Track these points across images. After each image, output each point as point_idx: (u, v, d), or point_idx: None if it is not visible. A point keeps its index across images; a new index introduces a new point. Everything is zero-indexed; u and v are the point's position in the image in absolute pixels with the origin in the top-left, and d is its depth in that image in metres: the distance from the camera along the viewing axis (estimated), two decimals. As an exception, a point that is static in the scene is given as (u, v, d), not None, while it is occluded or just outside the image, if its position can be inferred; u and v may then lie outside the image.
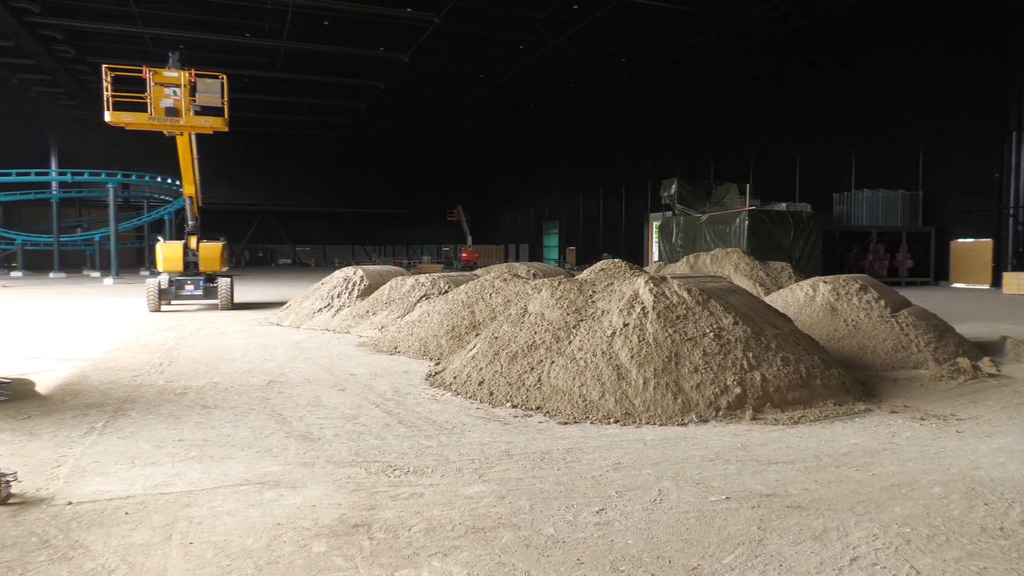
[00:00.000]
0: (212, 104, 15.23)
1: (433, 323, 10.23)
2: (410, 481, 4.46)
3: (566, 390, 6.36)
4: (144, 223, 42.78)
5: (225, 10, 29.50)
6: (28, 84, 40.34)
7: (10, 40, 31.76)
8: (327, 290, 14.58)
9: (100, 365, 8.97)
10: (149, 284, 16.18)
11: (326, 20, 30.80)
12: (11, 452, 5.07)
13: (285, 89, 43.13)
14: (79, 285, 28.23)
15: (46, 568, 3.25)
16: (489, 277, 11.43)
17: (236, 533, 3.64)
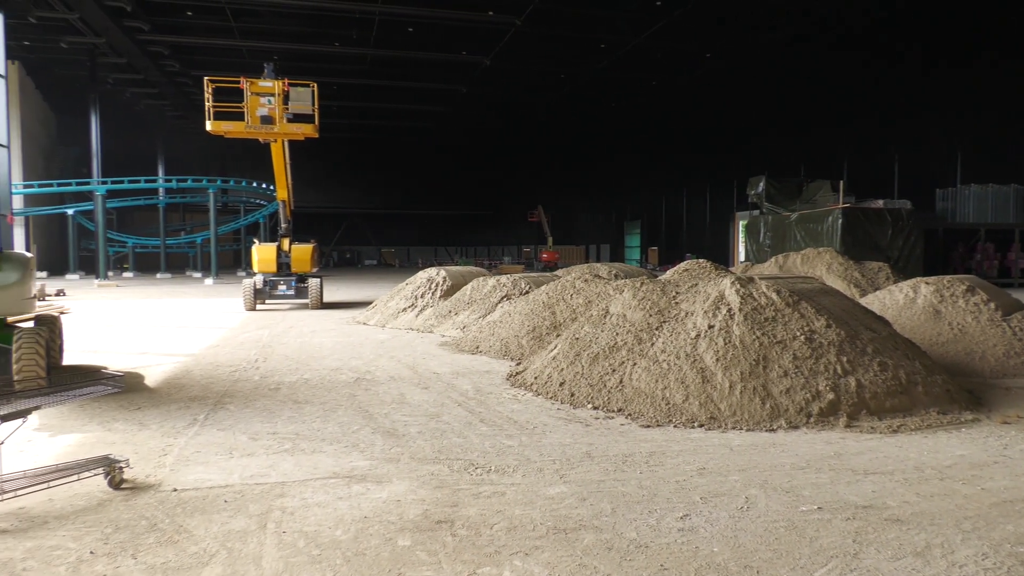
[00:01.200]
0: (304, 111, 15.88)
1: (514, 323, 10.29)
2: (492, 480, 4.50)
3: (648, 392, 6.26)
4: (241, 226, 45.10)
5: (316, 21, 30.67)
6: (139, 97, 43.20)
7: (123, 57, 34.12)
8: (411, 290, 14.91)
9: (201, 360, 9.50)
10: (245, 284, 17.02)
11: (410, 27, 31.52)
12: (123, 440, 5.44)
13: (371, 95, 44.40)
14: (182, 285, 30.02)
15: (155, 550, 3.46)
16: (570, 278, 11.40)
17: (326, 524, 3.78)
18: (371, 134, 57.96)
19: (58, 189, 37.09)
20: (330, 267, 54.87)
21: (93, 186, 35.63)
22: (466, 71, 38.35)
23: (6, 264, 7.62)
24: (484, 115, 50.45)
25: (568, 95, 43.28)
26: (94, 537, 3.61)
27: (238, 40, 32.63)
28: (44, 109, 42.04)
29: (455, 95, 43.58)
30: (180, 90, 41.83)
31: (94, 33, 30.42)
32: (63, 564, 3.31)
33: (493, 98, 44.75)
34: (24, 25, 29.10)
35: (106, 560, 3.35)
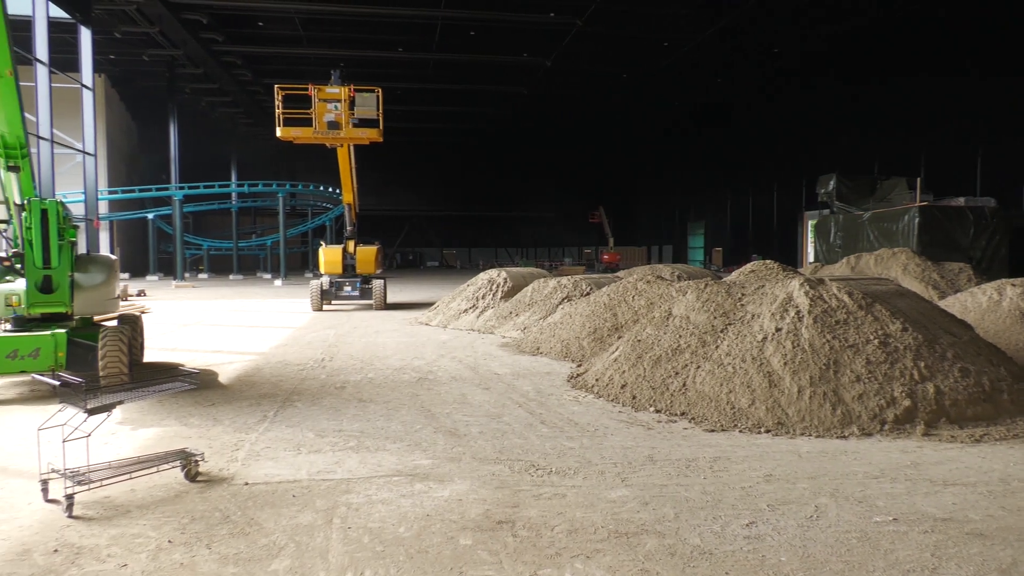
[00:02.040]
0: (369, 116, 16.22)
1: (575, 325, 10.24)
2: (552, 481, 4.49)
3: (713, 396, 6.14)
4: (308, 229, 46.42)
5: (380, 28, 31.29)
6: (214, 106, 45.01)
7: (200, 67, 35.62)
8: (472, 291, 15.04)
9: (271, 359, 9.82)
10: (312, 285, 17.50)
11: (472, 31, 31.81)
12: (199, 435, 5.67)
13: (434, 99, 45.00)
14: (253, 286, 31.10)
15: (227, 541, 3.60)
16: (632, 279, 11.27)
17: (389, 521, 3.85)
18: (433, 137, 58.73)
19: (139, 195, 39.05)
20: (393, 268, 55.86)
21: (171, 191, 37.35)
22: (527, 73, 38.44)
23: (93, 266, 8.06)
24: (545, 117, 50.45)
25: (630, 95, 42.88)
26: (172, 527, 3.78)
27: (306, 48, 33.60)
28: (127, 119, 44.29)
29: (516, 97, 43.73)
30: (252, 98, 43.37)
31: (173, 45, 31.87)
32: (144, 551, 3.47)
33: (554, 100, 44.71)
34: (109, 40, 30.76)
35: (183, 549, 3.50)
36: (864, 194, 24.01)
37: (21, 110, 6.82)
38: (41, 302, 7.48)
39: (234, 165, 51.78)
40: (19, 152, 7.03)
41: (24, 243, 7.38)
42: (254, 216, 53.87)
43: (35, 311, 7.49)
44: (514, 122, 51.66)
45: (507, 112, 48.08)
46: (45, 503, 4.11)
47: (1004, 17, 26.20)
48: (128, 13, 27.36)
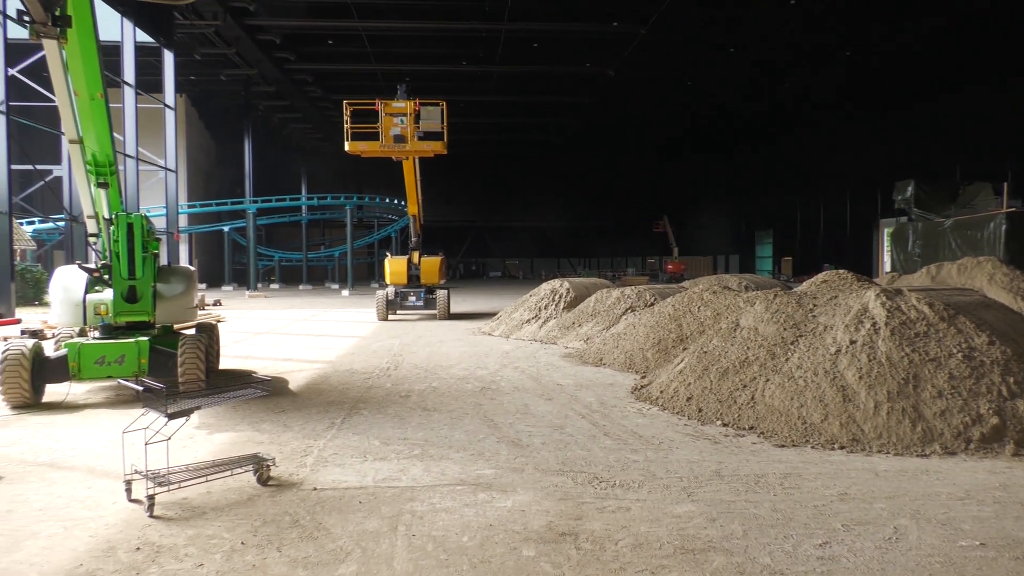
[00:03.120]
0: (433, 129, 16.52)
1: (639, 336, 10.12)
2: (616, 494, 4.43)
3: (783, 410, 5.95)
4: (374, 240, 47.49)
5: (445, 42, 31.87)
6: (285, 122, 46.74)
7: (273, 86, 37.06)
8: (535, 302, 15.05)
9: (338, 367, 10.06)
10: (378, 295, 17.88)
11: (535, 42, 32.01)
12: (270, 440, 5.85)
13: (497, 110, 45.47)
14: (322, 296, 31.98)
15: (296, 545, 3.69)
16: (697, 289, 11.07)
17: (453, 530, 3.87)
18: (496, 148, 59.27)
19: (216, 208, 40.81)
20: (456, 279, 56.51)
21: (246, 205, 38.88)
22: (590, 83, 38.39)
23: (173, 277, 8.46)
24: (608, 126, 50.23)
25: (694, 102, 42.26)
26: (245, 529, 3.90)
27: (373, 64, 34.50)
28: (205, 136, 46.42)
29: (579, 107, 43.72)
30: (321, 114, 44.79)
31: (248, 65, 33.28)
32: (219, 552, 3.60)
33: (617, 109, 44.48)
34: (190, 62, 32.38)
35: (255, 551, 3.61)
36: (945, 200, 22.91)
37: (110, 130, 7.23)
38: (126, 311, 7.89)
39: (304, 179, 53.54)
40: (108, 170, 7.45)
41: (112, 255, 7.81)
42: (323, 228, 55.48)
43: (121, 320, 7.90)
44: (577, 132, 51.62)
45: (570, 122, 48.10)
46: (128, 503, 4.32)
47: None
48: (207, 36, 28.73)
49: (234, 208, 40.49)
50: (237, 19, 27.00)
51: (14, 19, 7.49)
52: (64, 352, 7.41)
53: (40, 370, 7.29)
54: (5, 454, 5.51)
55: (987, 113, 30.01)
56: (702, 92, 39.81)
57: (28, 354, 7.09)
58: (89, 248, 8.77)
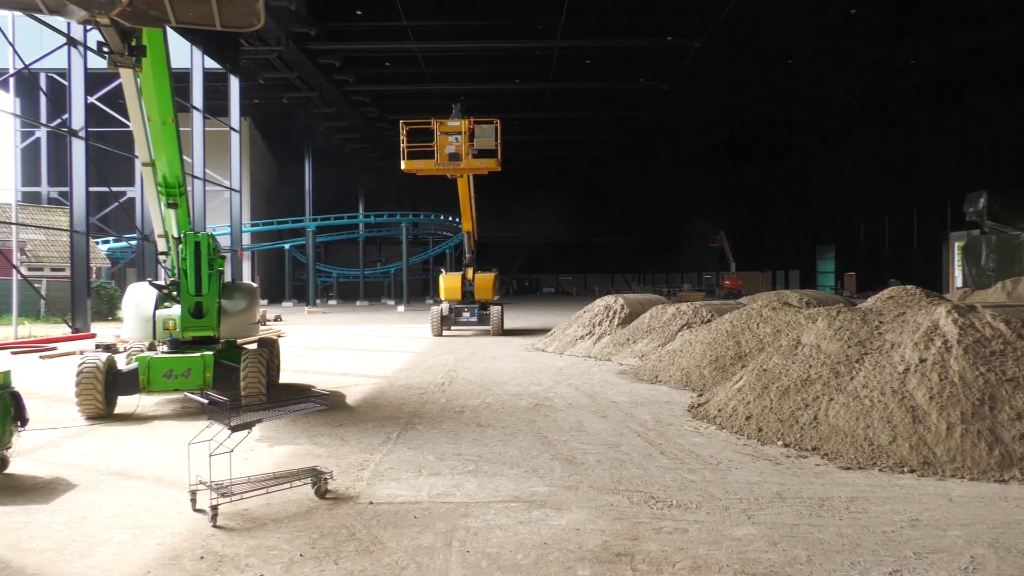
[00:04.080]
0: (487, 147, 16.69)
1: (695, 353, 9.93)
2: (673, 515, 4.34)
3: (848, 431, 5.73)
4: (429, 257, 48.10)
5: (499, 61, 32.26)
6: (344, 142, 47.94)
7: (332, 107, 38.12)
8: (588, 318, 14.95)
9: (394, 382, 10.19)
10: (433, 311, 18.07)
11: (588, 59, 32.09)
12: (328, 454, 5.96)
13: (550, 127, 45.63)
14: (378, 312, 32.51)
15: (353, 558, 3.74)
16: (756, 305, 10.81)
17: (507, 547, 3.85)
18: (549, 165, 59.42)
19: (277, 227, 42.07)
20: (510, 295, 56.64)
21: (305, 223, 39.97)
22: (644, 98, 38.20)
23: (237, 293, 8.75)
24: (662, 140, 49.83)
25: (751, 115, 41.56)
26: (303, 541, 3.97)
27: (428, 84, 35.14)
28: (267, 157, 48.02)
29: (633, 122, 43.52)
30: (378, 134, 45.80)
31: (309, 88, 34.34)
32: (278, 563, 3.67)
33: (671, 123, 44.11)
34: (254, 86, 33.64)
35: (313, 563, 3.67)
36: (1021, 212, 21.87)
37: (180, 153, 7.56)
38: (193, 326, 8.19)
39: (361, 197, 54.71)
40: (178, 190, 7.78)
41: (180, 273, 8.13)
42: (379, 245, 56.52)
43: (187, 334, 8.20)
44: (630, 147, 51.36)
45: (623, 137, 47.90)
46: (193, 512, 4.45)
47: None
48: (271, 61, 29.80)
49: (294, 226, 41.67)
50: (299, 44, 27.94)
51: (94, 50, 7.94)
52: (135, 366, 7.73)
53: (113, 383, 7.61)
54: (80, 463, 5.76)
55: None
56: (759, 104, 39.14)
57: (102, 367, 7.42)
58: (159, 266, 9.15)
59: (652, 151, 53.72)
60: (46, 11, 4.91)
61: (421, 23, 27.16)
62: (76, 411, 7.49)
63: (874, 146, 42.86)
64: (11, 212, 22.11)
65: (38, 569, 3.63)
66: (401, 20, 26.60)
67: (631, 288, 56.71)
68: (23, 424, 5.47)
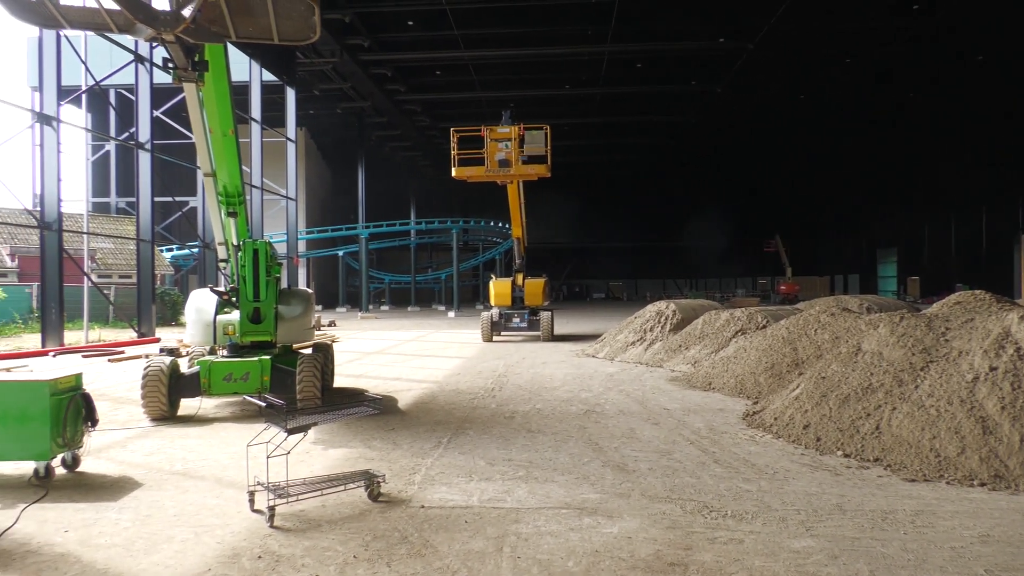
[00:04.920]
0: (537, 153, 16.72)
1: (750, 359, 9.72)
2: (728, 525, 4.25)
3: (913, 442, 5.52)
4: (479, 263, 48.42)
5: (548, 67, 32.32)
6: (396, 151, 48.76)
7: (384, 116, 38.84)
8: (640, 324, 14.80)
9: (445, 387, 10.27)
10: (483, 317, 18.16)
11: (639, 63, 31.86)
12: (380, 457, 6.04)
13: (600, 132, 45.47)
14: (429, 317, 32.85)
15: (405, 561, 3.77)
16: (813, 311, 10.51)
17: (558, 554, 3.83)
18: (599, 169, 59.13)
19: (331, 234, 43.00)
20: (560, 300, 56.50)
21: (358, 230, 40.72)
22: (696, 101, 37.70)
23: (293, 299, 8.96)
24: (715, 144, 49.06)
25: (807, 116, 40.53)
26: (357, 543, 4.03)
27: (478, 92, 35.45)
28: (322, 166, 49.17)
29: (684, 126, 42.99)
30: (429, 141, 46.41)
31: (362, 98, 35.05)
32: (333, 564, 3.73)
33: (724, 126, 43.39)
34: (309, 97, 34.51)
35: (366, 565, 3.72)
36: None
37: (240, 163, 7.80)
38: (251, 331, 8.43)
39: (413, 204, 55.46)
40: (237, 200, 8.03)
41: (239, 279, 8.38)
42: (430, 251, 57.16)
43: (246, 339, 8.44)
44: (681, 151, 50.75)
45: (674, 141, 47.35)
46: (251, 512, 4.57)
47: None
48: (325, 72, 30.54)
49: (348, 233, 42.52)
50: (352, 55, 28.55)
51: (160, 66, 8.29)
52: (197, 369, 7.99)
53: (176, 385, 7.89)
54: (145, 462, 5.98)
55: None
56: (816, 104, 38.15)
57: (166, 371, 7.69)
58: (220, 272, 9.45)
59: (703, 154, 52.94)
60: (116, 30, 5.15)
61: (471, 31, 27.43)
62: (142, 412, 7.78)
63: (941, 146, 41.28)
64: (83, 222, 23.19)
65: (107, 564, 3.78)
66: (452, 29, 26.91)
67: (683, 293, 55.96)
68: (93, 424, 5.72)
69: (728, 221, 61.14)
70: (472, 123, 18.80)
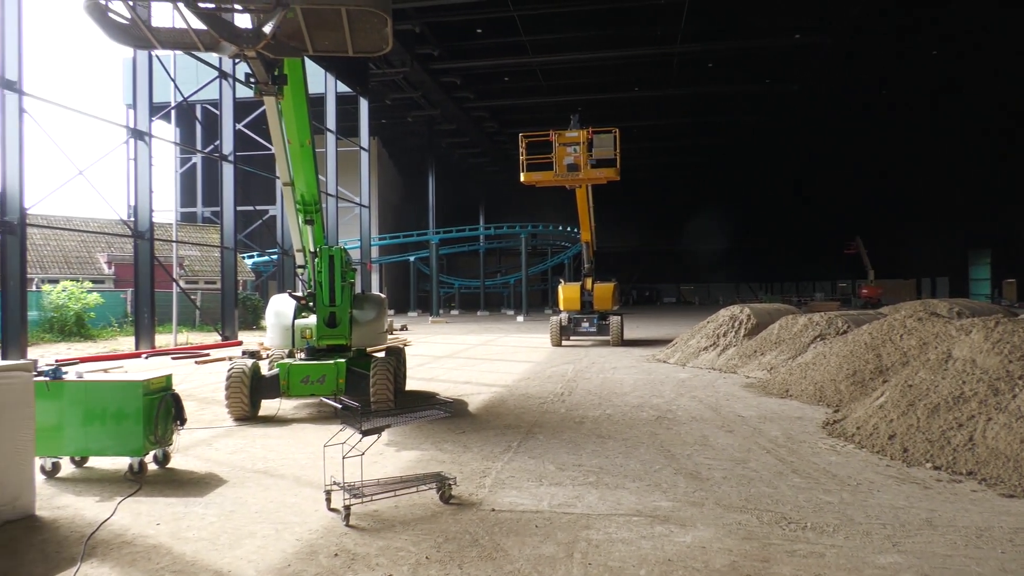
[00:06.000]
0: (606, 156, 16.60)
1: (830, 366, 9.35)
2: (808, 538, 4.10)
3: (1011, 455, 5.18)
4: (547, 267, 48.44)
5: (616, 70, 32.10)
6: (464, 157, 49.44)
7: (453, 124, 39.44)
8: (712, 329, 14.47)
9: (515, 391, 10.31)
10: (552, 321, 18.14)
11: (710, 62, 31.24)
12: (451, 460, 6.11)
13: (670, 133, 44.82)
14: (498, 322, 33.06)
15: (476, 564, 3.80)
16: (899, 316, 10.03)
17: (629, 562, 3.78)
18: (670, 171, 58.26)
19: (403, 240, 43.91)
20: (629, 305, 55.89)
21: (429, 236, 41.45)
22: (770, 100, 36.67)
23: (367, 304, 9.19)
24: (790, 143, 47.55)
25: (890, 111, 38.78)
26: (429, 544, 4.09)
27: (546, 97, 35.55)
28: (394, 174, 50.29)
29: (758, 126, 41.86)
30: (498, 147, 46.84)
31: (432, 106, 35.71)
32: (406, 564, 3.80)
33: (801, 124, 41.99)
34: (381, 107, 35.39)
35: (438, 566, 3.77)
36: None
37: (316, 173, 8.07)
38: (327, 335, 8.69)
39: (482, 210, 56.06)
40: (314, 208, 8.31)
41: (315, 284, 8.66)
42: (499, 256, 57.58)
43: (323, 343, 8.72)
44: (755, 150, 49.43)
45: (747, 141, 46.19)
46: (328, 511, 4.70)
47: None
48: (397, 82, 31.27)
49: (419, 239, 43.33)
50: (423, 64, 29.13)
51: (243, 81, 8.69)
52: (276, 371, 8.30)
53: (257, 387, 8.21)
54: (229, 460, 6.25)
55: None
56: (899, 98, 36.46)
57: (248, 372, 8.02)
58: (297, 278, 9.78)
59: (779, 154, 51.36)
60: (203, 48, 5.42)
61: (539, 37, 27.54)
62: (225, 412, 8.13)
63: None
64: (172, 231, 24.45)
65: (195, 557, 3.97)
66: (520, 36, 27.09)
67: (757, 297, 54.39)
68: (182, 423, 6.02)
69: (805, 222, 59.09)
70: (540, 128, 18.85)
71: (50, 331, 20.71)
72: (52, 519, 4.62)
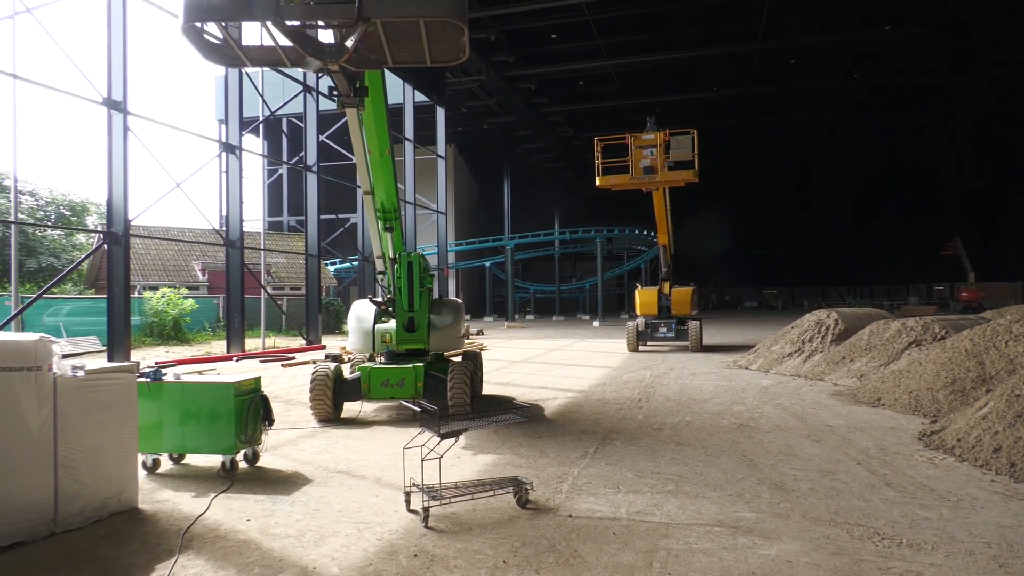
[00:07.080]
0: (684, 158, 16.28)
1: (927, 374, 8.84)
2: (903, 555, 3.88)
3: None
4: (624, 272, 47.91)
5: (692, 70, 31.48)
6: (539, 163, 49.53)
7: (528, 129, 39.60)
8: (797, 334, 13.95)
9: (591, 397, 10.23)
10: (628, 326, 17.91)
11: (792, 59, 30.20)
12: (528, 464, 6.12)
13: (750, 133, 43.55)
14: (573, 327, 32.93)
15: (553, 569, 3.79)
16: (1004, 320, 9.38)
17: (711, 573, 3.68)
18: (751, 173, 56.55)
19: (478, 245, 44.41)
20: (709, 309, 54.56)
21: (504, 241, 41.75)
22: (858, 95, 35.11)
23: (444, 309, 9.34)
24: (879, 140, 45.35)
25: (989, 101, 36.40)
26: (506, 548, 4.11)
27: (621, 100, 35.20)
28: (469, 180, 50.96)
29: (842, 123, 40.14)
30: (573, 152, 46.74)
31: (507, 112, 35.97)
32: (483, 567, 3.83)
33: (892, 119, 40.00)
34: (457, 115, 35.92)
35: (515, 571, 3.78)
36: None
37: (395, 181, 8.28)
38: (406, 340, 8.88)
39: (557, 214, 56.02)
40: (393, 215, 8.52)
41: (395, 290, 8.87)
42: (574, 261, 57.42)
43: (402, 347, 8.91)
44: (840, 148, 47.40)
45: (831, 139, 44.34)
46: (407, 512, 4.80)
47: None
48: (472, 90, 31.68)
49: (494, 245, 43.72)
50: (498, 72, 29.41)
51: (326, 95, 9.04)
52: (358, 375, 8.54)
53: (340, 390, 8.47)
54: (313, 460, 6.47)
55: None
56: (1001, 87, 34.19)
57: (331, 375, 8.29)
58: (377, 284, 10.04)
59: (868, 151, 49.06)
60: (289, 64, 5.66)
61: (614, 40, 27.33)
62: (310, 414, 8.43)
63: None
64: (260, 239, 25.58)
65: (282, 553, 4.12)
66: (594, 39, 26.97)
67: (845, 301, 52.07)
68: (270, 424, 6.27)
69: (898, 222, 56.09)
70: (615, 131, 18.66)
71: (150, 335, 22.03)
72: (153, 512, 4.90)
